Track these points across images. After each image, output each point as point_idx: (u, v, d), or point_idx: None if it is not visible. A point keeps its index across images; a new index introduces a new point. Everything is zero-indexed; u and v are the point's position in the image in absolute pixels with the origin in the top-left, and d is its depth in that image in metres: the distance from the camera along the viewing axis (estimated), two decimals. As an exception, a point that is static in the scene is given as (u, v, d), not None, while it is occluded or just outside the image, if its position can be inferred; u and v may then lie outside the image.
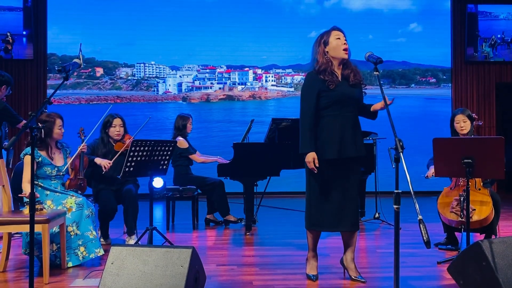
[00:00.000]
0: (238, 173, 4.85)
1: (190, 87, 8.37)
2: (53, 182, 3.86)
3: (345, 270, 3.35)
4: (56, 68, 2.97)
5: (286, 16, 8.32)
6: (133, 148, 3.87)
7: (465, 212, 3.74)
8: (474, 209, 3.93)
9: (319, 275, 3.36)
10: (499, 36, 8.36)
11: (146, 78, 8.31)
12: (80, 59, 3.16)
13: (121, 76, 8.28)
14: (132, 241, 4.32)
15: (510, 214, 6.20)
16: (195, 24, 8.13)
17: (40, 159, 3.77)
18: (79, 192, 4.05)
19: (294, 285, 3.21)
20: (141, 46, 8.14)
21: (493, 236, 4.02)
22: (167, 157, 4.13)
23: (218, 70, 8.39)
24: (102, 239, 4.36)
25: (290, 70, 8.49)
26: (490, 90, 8.42)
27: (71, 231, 3.68)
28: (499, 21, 8.36)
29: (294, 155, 4.87)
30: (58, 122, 3.85)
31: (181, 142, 5.23)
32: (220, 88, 8.41)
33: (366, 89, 3.30)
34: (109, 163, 4.30)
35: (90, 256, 3.71)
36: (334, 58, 3.20)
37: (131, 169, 3.93)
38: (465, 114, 4.19)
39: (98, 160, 4.33)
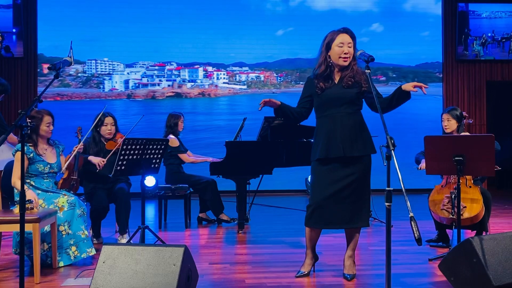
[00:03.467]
0: (231, 171, 4.84)
1: (137, 84, 8.14)
2: (45, 180, 3.82)
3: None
4: (47, 66, 2.94)
5: (252, 14, 8.27)
6: (124, 147, 3.85)
7: (456, 209, 3.76)
8: (465, 207, 3.95)
9: (312, 273, 3.37)
10: (489, 34, 8.42)
11: (97, 75, 8.00)
12: (71, 57, 3.13)
13: (70, 73, 7.97)
14: (124, 240, 4.30)
15: (500, 211, 6.26)
16: (160, 21, 8.00)
17: (32, 155, 3.73)
18: (71, 192, 4.02)
19: (286, 283, 3.21)
20: (103, 42, 7.92)
21: (484, 233, 4.05)
22: (159, 156, 4.11)
23: (167, 67, 8.17)
24: (94, 239, 4.34)
25: (246, 68, 8.33)
26: (481, 88, 8.48)
27: (62, 231, 3.66)
28: (482, 20, 8.40)
29: (286, 153, 4.87)
30: (46, 119, 3.79)
31: (173, 141, 5.22)
32: (169, 86, 8.17)
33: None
34: (103, 161, 4.29)
35: (82, 256, 3.68)
36: (334, 63, 3.23)
37: (123, 167, 3.91)
38: (449, 113, 4.21)
39: (92, 158, 4.31)
